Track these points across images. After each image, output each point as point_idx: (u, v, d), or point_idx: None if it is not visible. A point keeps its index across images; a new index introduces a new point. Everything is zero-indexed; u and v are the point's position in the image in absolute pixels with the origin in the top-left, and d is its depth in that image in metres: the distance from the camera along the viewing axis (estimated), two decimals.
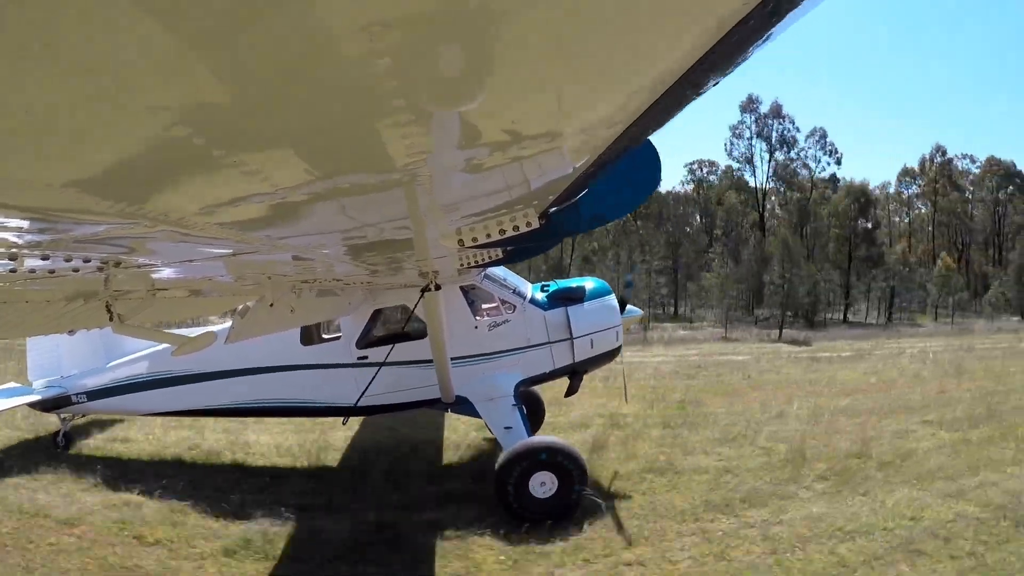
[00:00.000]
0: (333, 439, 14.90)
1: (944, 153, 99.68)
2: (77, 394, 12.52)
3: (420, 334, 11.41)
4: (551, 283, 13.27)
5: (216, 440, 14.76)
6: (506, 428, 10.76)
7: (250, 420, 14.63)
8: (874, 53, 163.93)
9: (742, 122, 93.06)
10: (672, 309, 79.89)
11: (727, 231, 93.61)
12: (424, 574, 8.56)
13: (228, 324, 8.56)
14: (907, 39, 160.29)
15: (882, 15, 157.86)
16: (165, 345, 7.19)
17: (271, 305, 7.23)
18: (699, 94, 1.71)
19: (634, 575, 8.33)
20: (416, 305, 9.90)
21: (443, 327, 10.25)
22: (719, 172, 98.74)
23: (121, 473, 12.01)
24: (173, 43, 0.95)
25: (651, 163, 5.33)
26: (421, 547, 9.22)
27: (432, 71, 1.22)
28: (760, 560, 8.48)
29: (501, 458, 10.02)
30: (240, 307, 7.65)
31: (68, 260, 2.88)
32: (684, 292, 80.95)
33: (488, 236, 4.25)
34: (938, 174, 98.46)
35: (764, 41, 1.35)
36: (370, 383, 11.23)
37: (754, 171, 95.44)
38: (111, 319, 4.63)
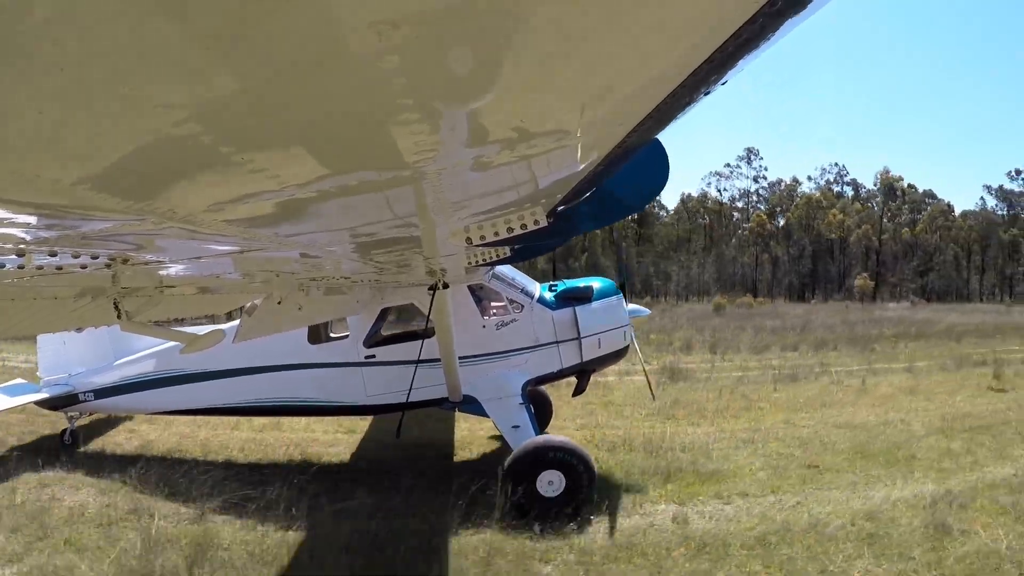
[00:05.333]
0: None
1: None
2: (84, 392, 12.56)
3: (428, 333, 11.41)
4: (559, 282, 13.27)
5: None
6: (514, 427, 10.77)
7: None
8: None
9: None
10: None
11: None
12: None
13: (236, 322, 8.58)
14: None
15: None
16: (173, 343, 7.21)
17: (279, 303, 7.24)
18: (707, 93, 1.71)
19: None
20: (431, 305, 9.90)
21: (451, 326, 10.25)
22: None
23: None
24: (182, 41, 0.95)
25: (659, 161, 5.32)
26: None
27: (440, 69, 1.22)
28: None
29: (509, 457, 10.03)
30: (248, 305, 7.66)
31: (76, 256, 2.89)
32: None
33: (496, 234, 4.25)
34: None
35: (771, 41, 1.35)
36: (412, 381, 11.21)
37: None
38: (119, 316, 4.64)
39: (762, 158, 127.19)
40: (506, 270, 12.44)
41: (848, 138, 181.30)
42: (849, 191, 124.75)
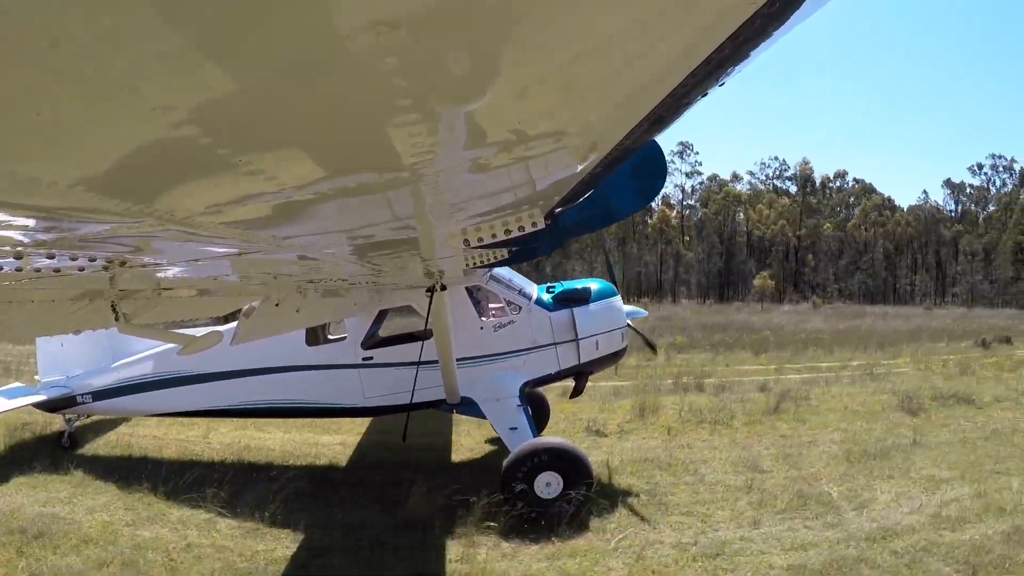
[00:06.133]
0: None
1: None
2: (82, 394, 12.55)
3: (426, 335, 11.41)
4: (557, 284, 13.28)
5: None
6: (511, 429, 10.79)
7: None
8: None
9: None
10: None
11: None
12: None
13: (234, 324, 8.59)
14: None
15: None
16: (171, 345, 7.20)
17: (276, 305, 7.23)
18: (705, 94, 1.71)
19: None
20: (429, 307, 9.90)
21: (449, 328, 10.25)
22: None
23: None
24: (180, 42, 0.95)
25: (657, 164, 5.34)
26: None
27: (439, 70, 1.22)
28: None
29: (507, 459, 10.04)
30: (246, 307, 7.66)
31: (74, 259, 2.88)
32: None
33: (494, 236, 4.26)
34: None
35: (770, 42, 1.35)
36: (415, 382, 11.20)
37: None
38: (116, 319, 4.63)
39: (697, 152, 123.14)
40: (504, 272, 12.44)
41: (812, 133, 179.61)
42: (792, 187, 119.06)
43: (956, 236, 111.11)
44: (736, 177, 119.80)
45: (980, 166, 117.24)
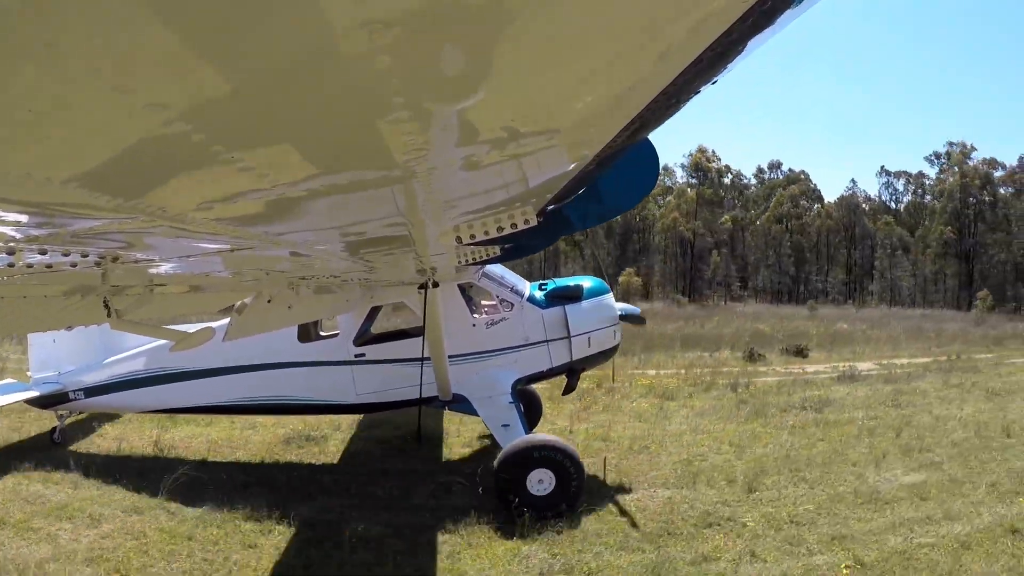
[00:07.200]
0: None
1: None
2: (74, 391, 12.51)
3: (418, 332, 11.42)
4: (549, 281, 13.29)
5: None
6: (504, 425, 10.81)
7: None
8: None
9: None
10: None
11: None
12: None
13: (226, 320, 8.58)
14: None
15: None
16: (163, 341, 7.18)
17: (268, 301, 7.22)
18: (697, 92, 1.71)
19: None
20: (425, 304, 9.91)
21: (441, 325, 10.26)
22: None
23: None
24: (173, 39, 0.95)
25: (649, 161, 5.35)
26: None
27: (431, 69, 1.22)
28: None
29: (499, 455, 10.05)
30: (238, 304, 7.64)
31: (66, 255, 2.87)
32: None
33: (486, 233, 4.26)
34: None
35: (760, 40, 1.35)
36: (420, 376, 11.23)
37: None
38: (108, 315, 4.62)
39: None
40: (496, 269, 12.45)
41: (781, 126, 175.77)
42: (726, 179, 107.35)
43: (883, 227, 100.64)
44: (665, 169, 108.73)
45: (938, 155, 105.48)
